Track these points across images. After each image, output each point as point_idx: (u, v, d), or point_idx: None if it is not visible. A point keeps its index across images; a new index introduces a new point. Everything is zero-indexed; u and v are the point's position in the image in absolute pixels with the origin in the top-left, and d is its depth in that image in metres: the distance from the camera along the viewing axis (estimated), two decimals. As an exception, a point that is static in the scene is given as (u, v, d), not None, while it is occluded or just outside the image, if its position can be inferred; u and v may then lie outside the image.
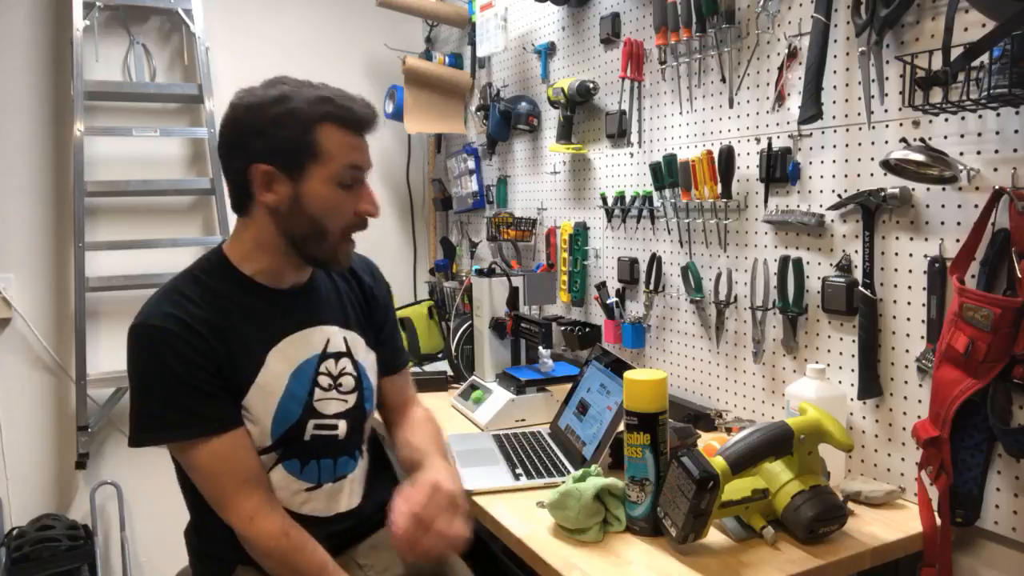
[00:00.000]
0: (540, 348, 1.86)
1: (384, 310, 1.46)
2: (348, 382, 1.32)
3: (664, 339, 1.87)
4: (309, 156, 1.19)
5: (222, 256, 1.27)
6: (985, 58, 1.07)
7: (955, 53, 1.10)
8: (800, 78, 1.40)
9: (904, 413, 1.32)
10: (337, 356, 1.32)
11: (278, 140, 1.19)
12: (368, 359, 1.38)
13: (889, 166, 1.23)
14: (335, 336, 1.33)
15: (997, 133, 1.15)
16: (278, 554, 1.16)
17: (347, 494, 1.32)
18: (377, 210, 1.26)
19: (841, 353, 1.43)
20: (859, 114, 1.35)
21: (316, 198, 1.21)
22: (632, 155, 1.94)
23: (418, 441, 1.37)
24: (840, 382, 1.42)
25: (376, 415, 1.44)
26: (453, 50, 2.84)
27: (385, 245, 3.05)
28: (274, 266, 1.27)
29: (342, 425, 1.30)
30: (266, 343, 1.24)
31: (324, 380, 1.29)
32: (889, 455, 1.34)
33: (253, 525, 1.16)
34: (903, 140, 1.25)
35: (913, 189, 1.27)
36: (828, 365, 1.43)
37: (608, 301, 1.97)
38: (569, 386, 1.69)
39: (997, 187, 1.13)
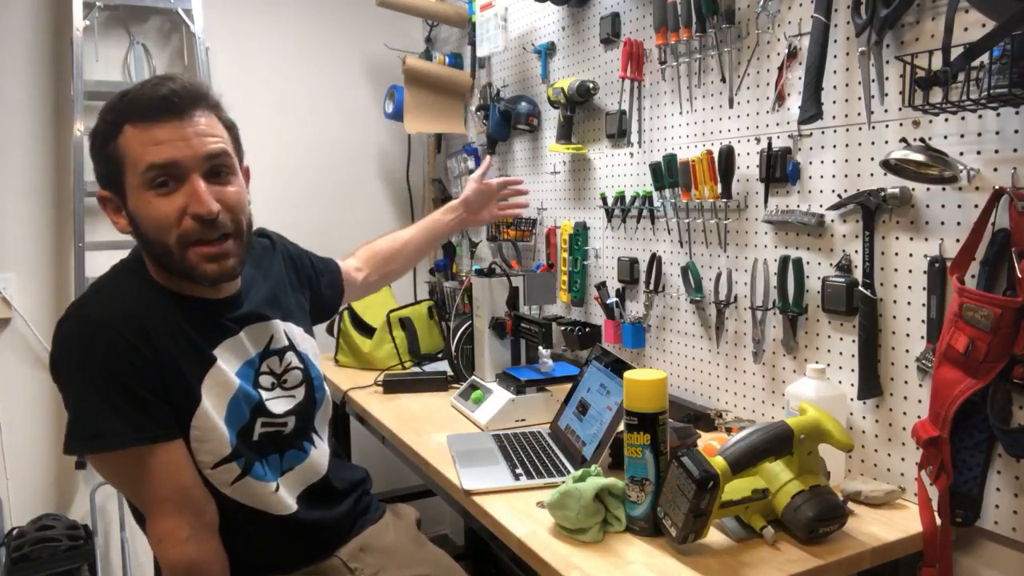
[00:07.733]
0: (540, 348, 1.86)
1: (305, 261, 1.51)
2: (295, 376, 1.26)
3: (664, 339, 1.87)
4: (120, 170, 1.08)
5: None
6: (985, 58, 1.07)
7: (955, 53, 1.10)
8: (800, 78, 1.40)
9: (904, 413, 1.32)
10: (281, 352, 1.25)
11: (97, 160, 1.11)
12: (310, 346, 1.33)
13: (889, 166, 1.23)
14: (277, 331, 1.26)
15: (997, 133, 1.15)
16: None
17: (300, 481, 1.28)
18: (206, 207, 1.07)
19: (841, 353, 1.43)
20: (859, 114, 1.35)
21: (139, 213, 1.08)
22: (632, 155, 1.94)
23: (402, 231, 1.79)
24: (840, 382, 1.42)
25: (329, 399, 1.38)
26: (453, 50, 2.83)
27: (385, 245, 3.05)
28: (186, 287, 1.17)
29: (291, 422, 1.25)
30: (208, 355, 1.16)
31: (266, 380, 1.22)
32: (889, 455, 1.34)
33: (160, 547, 1.10)
34: (903, 140, 1.25)
35: (913, 189, 1.27)
36: (828, 365, 1.43)
37: (608, 301, 1.97)
38: (569, 386, 1.69)
39: (997, 187, 1.13)
